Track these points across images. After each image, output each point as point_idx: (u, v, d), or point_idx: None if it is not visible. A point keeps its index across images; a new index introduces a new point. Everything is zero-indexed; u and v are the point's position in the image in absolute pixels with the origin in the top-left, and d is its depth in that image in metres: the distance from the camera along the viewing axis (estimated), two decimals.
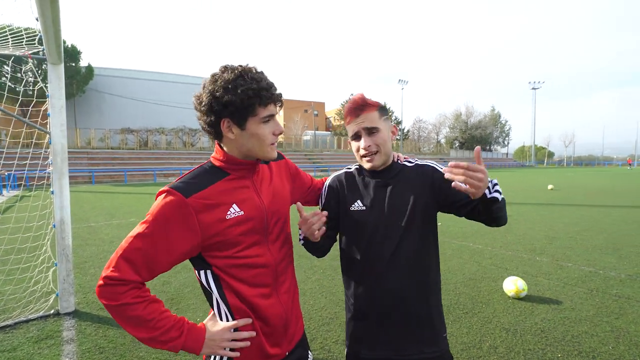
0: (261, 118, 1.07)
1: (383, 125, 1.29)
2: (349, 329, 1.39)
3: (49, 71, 3.33)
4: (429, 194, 1.30)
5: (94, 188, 19.73)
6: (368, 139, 1.28)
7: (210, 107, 1.04)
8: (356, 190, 1.36)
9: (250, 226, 1.10)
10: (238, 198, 1.10)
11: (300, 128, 50.12)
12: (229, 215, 1.06)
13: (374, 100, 1.30)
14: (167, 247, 1.00)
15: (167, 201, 1.00)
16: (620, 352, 2.68)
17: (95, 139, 31.05)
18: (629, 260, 5.00)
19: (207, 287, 1.12)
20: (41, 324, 3.24)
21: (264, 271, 1.13)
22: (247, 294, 1.10)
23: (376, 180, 1.34)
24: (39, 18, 2.53)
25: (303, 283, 4.24)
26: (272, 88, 1.08)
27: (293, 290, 1.27)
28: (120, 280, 0.96)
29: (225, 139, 1.10)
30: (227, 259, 1.08)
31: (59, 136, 3.40)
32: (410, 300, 1.28)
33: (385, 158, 1.31)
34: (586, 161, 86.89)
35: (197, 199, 1.02)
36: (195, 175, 1.09)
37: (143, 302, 0.99)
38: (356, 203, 1.34)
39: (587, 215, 8.86)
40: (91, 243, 6.29)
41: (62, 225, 3.43)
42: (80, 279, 4.43)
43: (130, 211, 10.33)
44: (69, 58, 31.66)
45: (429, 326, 1.30)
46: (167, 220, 0.99)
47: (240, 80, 1.02)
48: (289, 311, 1.21)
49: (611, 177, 28.09)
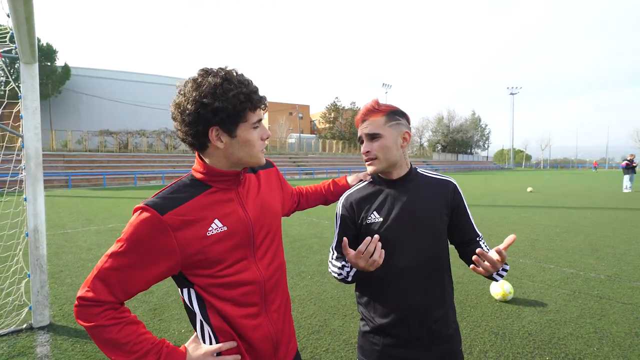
0: (252, 123, 1.01)
1: (388, 131, 1.26)
2: (366, 345, 1.33)
3: (21, 71, 3.14)
4: (446, 208, 1.30)
5: (70, 192, 18.97)
6: (367, 144, 1.28)
7: (197, 115, 0.95)
8: (372, 201, 1.32)
9: (235, 242, 1.03)
10: (220, 213, 1.02)
11: (285, 131, 49.93)
12: (210, 232, 0.99)
13: (387, 105, 1.29)
14: (142, 267, 0.94)
15: (140, 219, 0.93)
16: (605, 353, 2.73)
17: (72, 141, 29.92)
18: (607, 261, 5.17)
19: (190, 307, 1.05)
20: (12, 339, 3.04)
21: (251, 289, 1.06)
22: (233, 314, 1.03)
23: (392, 190, 1.31)
24: (10, 15, 2.37)
25: (291, 290, 4.16)
26: (259, 91, 1.03)
27: (284, 308, 1.19)
28: (94, 301, 0.91)
29: (211, 149, 1.02)
30: (210, 278, 1.01)
31: (33, 139, 3.21)
32: (430, 314, 1.25)
33: (386, 165, 1.28)
34: (561, 164, 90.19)
35: (173, 216, 0.95)
36: (174, 190, 1.02)
37: (119, 324, 0.92)
38: (372, 214, 1.29)
39: (565, 217, 9.15)
40: (67, 251, 5.99)
41: (36, 234, 3.23)
42: (56, 289, 4.21)
43: (110, 216, 9.96)
44: (44, 57, 30.49)
45: (449, 340, 1.28)
46: (141, 239, 0.93)
47: (227, 85, 0.96)
48: (279, 331, 1.13)
49: (585, 179, 29.24)
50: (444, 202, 1.30)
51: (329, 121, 58.41)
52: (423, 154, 64.57)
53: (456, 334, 1.32)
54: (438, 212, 1.28)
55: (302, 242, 6.48)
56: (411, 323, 1.24)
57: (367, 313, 1.33)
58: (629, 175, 16.47)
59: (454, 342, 1.30)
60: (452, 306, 1.34)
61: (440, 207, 1.29)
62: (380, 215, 1.28)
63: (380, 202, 1.31)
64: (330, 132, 57.45)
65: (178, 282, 1.06)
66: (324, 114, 59.14)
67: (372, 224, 1.28)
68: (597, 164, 60.68)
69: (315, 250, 5.94)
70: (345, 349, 2.87)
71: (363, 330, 1.35)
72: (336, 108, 58.44)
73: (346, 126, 57.69)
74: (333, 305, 3.73)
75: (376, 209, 1.29)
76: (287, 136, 49.29)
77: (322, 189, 1.59)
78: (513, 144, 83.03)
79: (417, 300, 1.24)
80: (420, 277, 1.25)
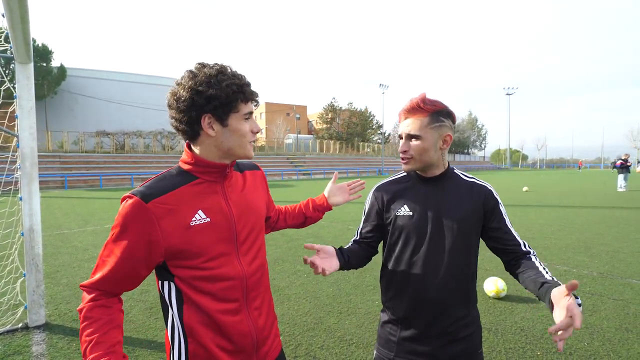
0: (243, 114, 1.05)
1: (429, 133, 1.22)
2: (384, 334, 1.36)
3: (16, 71, 3.15)
4: (479, 213, 1.28)
5: (66, 193, 18.89)
6: (405, 144, 1.26)
7: (192, 102, 0.99)
8: (404, 195, 1.33)
9: (217, 234, 1.05)
10: (205, 204, 1.05)
11: (282, 131, 49.90)
12: (194, 222, 1.01)
13: (433, 104, 1.22)
14: (129, 254, 0.97)
15: (126, 206, 0.97)
16: (595, 348, 2.78)
17: (68, 142, 29.77)
18: (599, 258, 5.23)
19: (166, 301, 1.06)
20: (8, 338, 3.04)
21: (232, 284, 1.06)
22: (213, 308, 1.03)
23: (427, 186, 1.31)
24: (5, 14, 2.39)
25: (287, 288, 4.19)
26: (251, 86, 1.07)
27: (267, 307, 1.19)
28: (87, 287, 1.00)
29: (202, 137, 1.04)
30: (191, 270, 1.02)
31: (28, 139, 3.22)
32: (449, 312, 1.25)
33: (421, 165, 1.27)
34: (557, 164, 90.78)
35: (157, 204, 0.98)
36: (160, 180, 1.05)
37: (96, 319, 0.96)
38: (403, 208, 1.30)
39: (560, 216, 9.22)
40: (63, 251, 5.98)
41: (32, 233, 3.24)
42: (52, 289, 4.21)
43: (106, 217, 9.94)
44: (40, 58, 30.31)
45: (466, 341, 1.27)
46: (127, 226, 0.96)
47: (221, 76, 1.01)
48: (260, 329, 1.13)
49: (579, 179, 29.44)
50: (477, 205, 1.28)
51: (326, 122, 58.43)
52: None
53: (476, 336, 1.30)
54: (469, 214, 1.26)
55: (298, 242, 6.50)
56: (429, 318, 1.25)
57: (389, 303, 1.35)
58: (623, 175, 16.61)
59: (472, 344, 1.28)
60: (475, 309, 1.33)
61: (472, 210, 1.27)
62: (410, 209, 1.29)
63: (411, 197, 1.31)
64: (328, 133, 57.48)
65: (159, 274, 1.07)
66: (321, 115, 59.17)
67: (401, 216, 1.30)
68: (582, 163, 62.04)
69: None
70: (340, 346, 2.89)
71: (383, 320, 1.38)
72: (333, 108, 58.48)
73: (343, 127, 57.74)
74: (328, 303, 3.75)
75: (407, 203, 1.31)
76: (284, 137, 49.27)
77: (301, 207, 1.55)
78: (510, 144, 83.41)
79: (437, 296, 1.24)
80: (444, 274, 1.24)
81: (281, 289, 4.16)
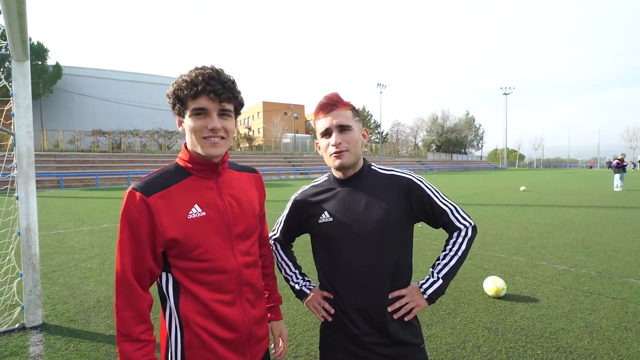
0: (192, 110, 1.05)
1: (355, 125, 1.24)
2: (323, 339, 1.35)
3: (13, 68, 3.11)
4: (404, 205, 1.24)
5: (62, 193, 18.75)
6: (339, 136, 1.20)
7: (170, 103, 1.09)
8: (324, 200, 1.30)
9: (213, 228, 1.09)
10: (201, 199, 1.09)
11: (280, 131, 49.83)
12: (191, 215, 1.06)
13: (348, 100, 1.26)
14: (139, 243, 1.01)
15: (129, 200, 1.02)
16: (595, 347, 2.78)
17: (64, 141, 29.54)
18: (598, 257, 5.25)
19: (164, 292, 1.09)
20: (4, 339, 3.00)
21: (227, 277, 1.10)
22: (208, 298, 1.07)
23: (345, 188, 1.28)
24: (2, 11, 2.35)
25: (287, 288, 4.17)
26: (212, 81, 1.01)
27: (260, 302, 1.22)
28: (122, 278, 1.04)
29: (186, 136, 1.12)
30: (188, 261, 1.06)
31: (25, 138, 3.18)
32: (384, 315, 1.21)
33: (355, 159, 1.24)
34: (554, 163, 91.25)
35: (157, 198, 1.03)
36: (159, 175, 1.09)
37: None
38: (324, 214, 1.28)
39: (558, 215, 9.26)
40: (60, 251, 5.93)
41: (29, 233, 3.20)
42: (49, 289, 4.16)
43: (103, 217, 9.87)
44: (36, 56, 30.10)
45: (404, 342, 1.23)
46: (130, 219, 1.01)
47: (184, 76, 1.04)
48: (253, 323, 1.16)
49: (577, 178, 29.61)
50: (399, 197, 1.23)
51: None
52: (418, 153, 64.89)
53: (413, 334, 1.25)
54: (391, 208, 1.22)
55: (297, 240, 6.46)
56: (356, 323, 1.22)
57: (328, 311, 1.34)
58: (619, 175, 16.72)
59: (410, 343, 1.24)
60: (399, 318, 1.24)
61: (394, 203, 1.23)
62: (329, 215, 1.27)
63: (331, 201, 1.29)
64: None
65: None
66: None
67: (322, 224, 1.28)
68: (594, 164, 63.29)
69: (310, 248, 5.94)
70: None
71: (322, 325, 1.37)
72: None
73: None
74: None
75: (327, 209, 1.28)
76: (282, 136, 49.19)
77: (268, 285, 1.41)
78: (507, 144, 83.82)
79: (357, 302, 1.22)
80: (363, 279, 1.21)
81: (281, 289, 4.11)
